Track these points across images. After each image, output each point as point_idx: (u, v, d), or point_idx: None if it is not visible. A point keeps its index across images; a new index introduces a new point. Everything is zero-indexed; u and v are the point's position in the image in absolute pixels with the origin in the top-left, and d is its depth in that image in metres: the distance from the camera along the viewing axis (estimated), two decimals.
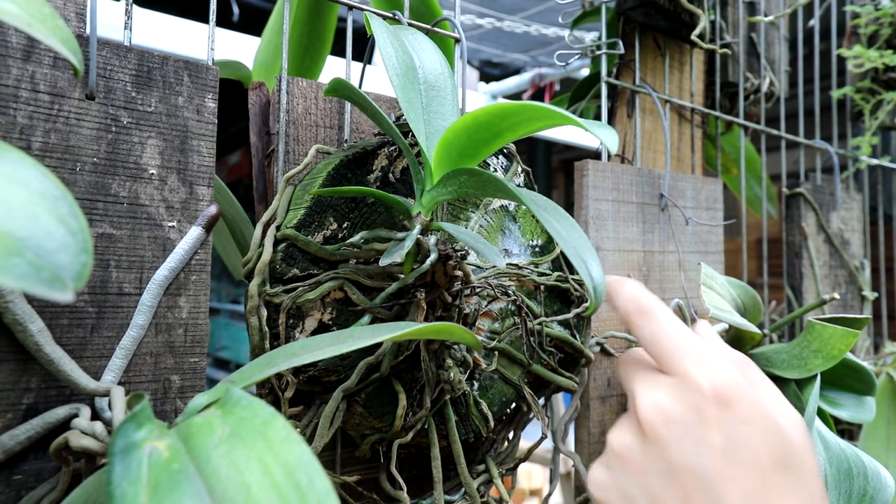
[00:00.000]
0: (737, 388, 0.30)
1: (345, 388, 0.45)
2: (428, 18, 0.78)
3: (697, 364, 0.31)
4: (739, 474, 0.29)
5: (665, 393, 0.31)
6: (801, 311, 0.84)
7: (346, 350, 0.32)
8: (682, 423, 0.30)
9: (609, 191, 0.73)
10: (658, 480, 0.30)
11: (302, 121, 0.51)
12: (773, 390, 0.33)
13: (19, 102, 0.37)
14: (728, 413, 0.30)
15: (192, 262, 0.43)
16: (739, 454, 0.29)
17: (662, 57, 0.87)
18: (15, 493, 0.36)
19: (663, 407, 0.31)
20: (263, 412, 0.26)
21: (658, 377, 0.32)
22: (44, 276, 0.21)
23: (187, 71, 0.43)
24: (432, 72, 0.47)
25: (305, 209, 0.45)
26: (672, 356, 0.32)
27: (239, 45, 1.57)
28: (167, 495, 0.23)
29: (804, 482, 0.30)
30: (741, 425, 0.30)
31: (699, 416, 0.30)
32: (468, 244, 0.38)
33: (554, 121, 0.35)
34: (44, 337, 0.35)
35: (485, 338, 0.54)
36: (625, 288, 0.36)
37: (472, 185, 0.38)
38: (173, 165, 0.42)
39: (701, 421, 0.30)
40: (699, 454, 0.29)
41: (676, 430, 0.30)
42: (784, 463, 0.29)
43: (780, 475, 0.29)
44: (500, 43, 2.39)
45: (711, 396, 0.30)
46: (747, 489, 0.28)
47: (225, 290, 3.73)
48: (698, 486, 0.29)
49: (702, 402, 0.30)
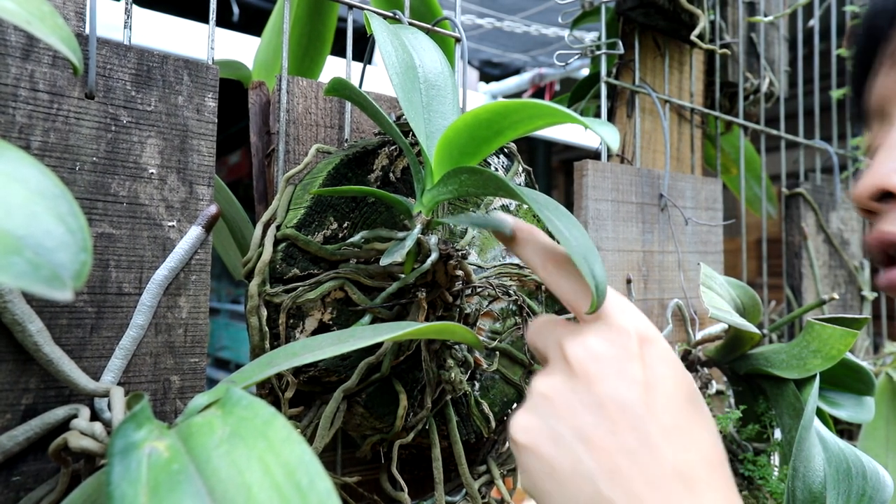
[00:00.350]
0: (652, 329, 0.33)
1: (345, 389, 0.45)
2: (428, 18, 0.78)
3: (620, 310, 0.33)
4: (662, 406, 0.31)
5: (592, 335, 0.33)
6: (800, 311, 0.84)
7: (347, 350, 0.32)
8: (609, 359, 0.32)
9: (609, 191, 0.73)
10: (587, 415, 0.31)
11: (302, 120, 0.51)
12: None
13: (18, 101, 0.37)
14: (648, 350, 0.32)
15: (192, 261, 0.42)
16: (661, 387, 0.31)
17: (662, 57, 0.87)
18: (14, 495, 0.36)
19: (592, 347, 0.33)
20: (264, 412, 0.26)
21: (582, 326, 0.34)
22: (43, 274, 0.21)
23: (187, 70, 0.43)
24: (432, 71, 0.47)
25: (305, 209, 0.45)
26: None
27: (239, 45, 1.57)
28: (167, 496, 0.23)
29: (709, 417, 0.32)
30: (660, 362, 0.32)
31: (625, 353, 0.32)
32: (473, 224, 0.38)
33: (555, 118, 0.35)
34: (43, 337, 0.35)
35: (486, 338, 0.54)
36: (533, 238, 0.37)
37: (472, 184, 0.38)
38: (173, 165, 0.42)
39: (627, 357, 0.32)
40: (626, 386, 0.31)
41: (605, 366, 0.32)
42: (693, 398, 0.32)
43: (693, 410, 0.32)
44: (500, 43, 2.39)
45: (635, 336, 0.32)
46: (669, 420, 0.30)
47: (225, 290, 3.72)
48: (625, 418, 0.30)
49: (627, 341, 0.32)
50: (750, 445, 0.75)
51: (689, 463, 0.29)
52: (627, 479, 0.29)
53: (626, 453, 0.30)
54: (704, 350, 0.77)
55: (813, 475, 0.57)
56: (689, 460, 0.29)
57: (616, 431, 0.30)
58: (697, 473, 0.29)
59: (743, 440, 0.74)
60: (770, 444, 0.74)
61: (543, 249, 0.36)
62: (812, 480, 0.57)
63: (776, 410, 0.70)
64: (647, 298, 0.76)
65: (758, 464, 0.72)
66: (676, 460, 0.29)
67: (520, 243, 0.37)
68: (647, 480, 0.29)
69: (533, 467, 0.32)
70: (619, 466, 0.30)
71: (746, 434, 0.74)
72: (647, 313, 0.76)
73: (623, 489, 0.29)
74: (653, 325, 0.34)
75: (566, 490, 0.31)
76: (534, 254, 0.36)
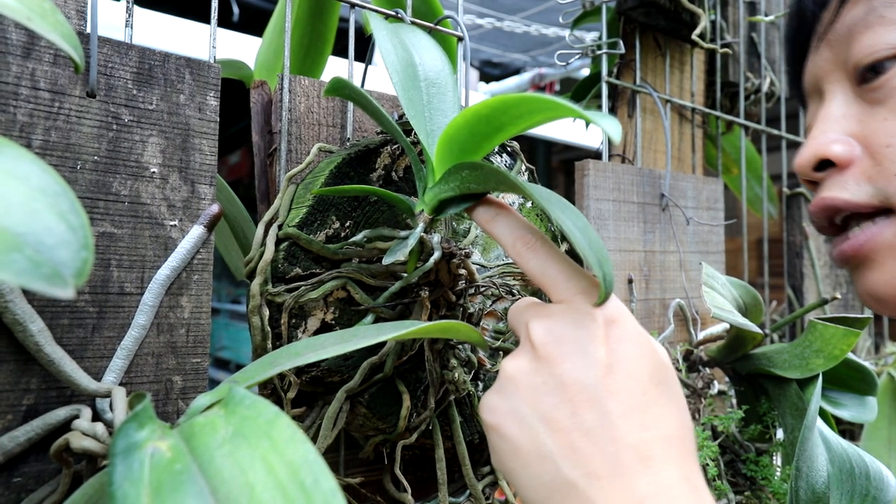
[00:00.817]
0: (619, 310, 0.33)
1: (348, 389, 0.45)
2: (429, 18, 0.78)
3: (584, 291, 0.34)
4: (623, 386, 0.31)
5: (558, 318, 0.33)
6: (802, 310, 0.84)
7: (350, 349, 0.32)
8: (572, 341, 0.32)
9: (610, 191, 0.73)
10: (549, 396, 0.32)
11: (304, 119, 0.50)
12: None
13: (19, 100, 0.37)
14: (613, 331, 0.33)
15: (194, 261, 0.42)
16: (622, 367, 0.32)
17: (663, 57, 0.87)
18: (15, 496, 0.36)
19: (555, 329, 0.33)
20: (267, 411, 0.25)
21: (549, 307, 0.35)
22: (44, 272, 0.20)
23: (189, 69, 0.43)
24: (432, 69, 0.46)
25: (308, 208, 0.45)
26: (560, 285, 0.34)
27: (239, 45, 1.56)
28: (169, 496, 0.22)
29: (675, 395, 0.33)
30: (624, 342, 0.32)
31: (587, 334, 0.32)
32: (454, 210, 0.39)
33: (556, 112, 0.34)
34: (44, 337, 0.35)
35: (490, 337, 0.54)
36: (504, 218, 0.37)
37: (474, 180, 0.37)
38: (175, 164, 0.42)
39: (589, 338, 0.32)
40: (587, 367, 0.31)
41: (567, 347, 0.32)
42: (659, 378, 0.32)
43: (656, 389, 0.32)
44: (500, 43, 2.39)
45: (600, 318, 0.33)
46: (629, 400, 0.31)
47: (225, 290, 3.72)
48: (586, 399, 0.31)
49: (590, 323, 0.33)
50: (752, 446, 0.74)
51: (646, 441, 0.30)
52: (586, 457, 0.30)
53: (584, 433, 0.30)
54: (706, 350, 0.77)
55: (816, 475, 0.57)
56: (646, 438, 0.30)
57: (576, 412, 0.31)
58: (654, 451, 0.30)
59: (745, 440, 0.74)
60: (773, 444, 0.74)
61: (515, 226, 0.36)
62: (815, 481, 0.57)
63: (778, 410, 0.70)
64: (648, 298, 0.76)
65: (760, 464, 0.72)
66: (634, 438, 0.30)
67: (491, 218, 0.37)
68: (604, 459, 0.30)
69: (499, 447, 0.33)
70: (578, 446, 0.30)
71: (749, 434, 0.73)
72: (649, 313, 0.76)
73: (582, 468, 0.30)
74: (622, 306, 0.34)
75: (529, 469, 0.31)
76: (506, 229, 0.36)
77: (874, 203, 0.40)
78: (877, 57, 0.40)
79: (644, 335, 0.33)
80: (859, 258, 0.41)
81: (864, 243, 0.40)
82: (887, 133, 0.39)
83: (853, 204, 0.41)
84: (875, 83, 0.40)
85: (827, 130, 0.42)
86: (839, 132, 0.42)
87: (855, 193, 0.41)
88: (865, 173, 0.40)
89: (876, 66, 0.40)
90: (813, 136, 0.44)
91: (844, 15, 0.42)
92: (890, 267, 0.40)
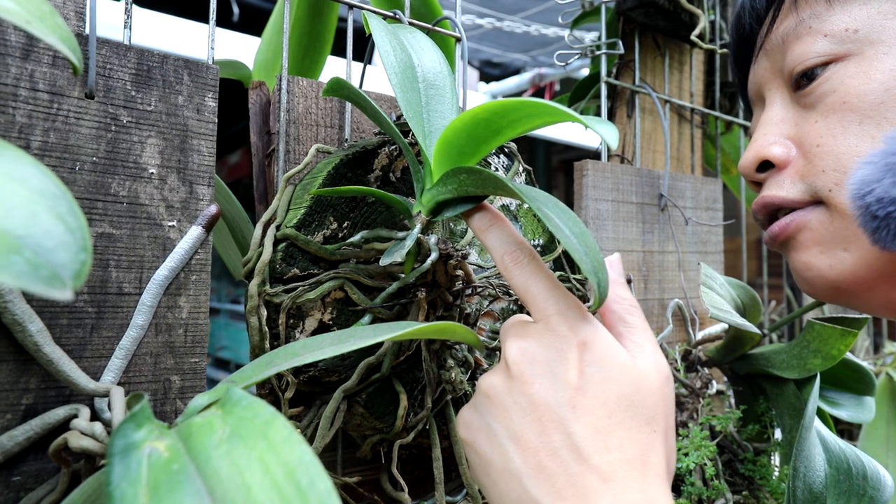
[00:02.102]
0: (594, 333, 0.34)
1: (345, 389, 0.45)
2: (428, 18, 0.78)
3: (566, 316, 0.34)
4: (589, 409, 0.32)
5: (532, 338, 0.34)
6: (800, 310, 0.84)
7: (347, 350, 0.32)
8: (544, 363, 0.33)
9: (609, 191, 0.73)
10: (519, 415, 0.33)
11: (302, 120, 0.51)
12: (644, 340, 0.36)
13: (18, 101, 0.37)
14: (585, 355, 0.33)
15: (193, 261, 0.42)
16: (589, 390, 0.32)
17: (662, 57, 0.87)
18: (14, 495, 0.36)
19: (529, 350, 0.34)
20: (264, 412, 0.26)
21: (528, 327, 0.35)
22: (42, 274, 0.21)
23: (187, 70, 0.43)
24: (431, 70, 0.47)
25: (305, 209, 0.45)
26: (540, 304, 0.35)
27: (239, 45, 1.57)
28: (167, 496, 0.23)
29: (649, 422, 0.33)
30: (593, 365, 0.33)
31: (559, 356, 0.33)
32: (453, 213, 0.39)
33: (554, 117, 0.35)
34: (43, 337, 0.35)
35: (486, 338, 0.54)
36: (497, 230, 0.37)
37: (471, 184, 0.38)
38: (173, 165, 0.42)
39: (561, 360, 0.33)
40: (556, 389, 0.32)
41: (538, 368, 0.33)
42: (631, 402, 0.32)
43: (625, 413, 0.32)
44: (500, 43, 2.39)
45: (575, 342, 0.33)
46: (593, 423, 0.31)
47: (224, 290, 3.72)
48: (553, 419, 0.32)
49: (563, 346, 0.33)
50: (750, 445, 0.75)
51: (610, 463, 0.31)
52: (551, 477, 0.31)
53: (551, 453, 0.31)
54: (705, 350, 0.77)
55: (814, 475, 0.57)
56: (609, 460, 0.31)
57: (543, 432, 0.32)
58: (616, 472, 0.30)
59: (743, 440, 0.74)
60: (770, 444, 0.74)
61: (506, 240, 0.37)
62: (813, 480, 0.57)
63: (776, 410, 0.70)
64: (647, 298, 0.76)
65: (758, 464, 0.72)
66: (597, 460, 0.31)
67: (486, 228, 0.38)
68: (568, 479, 0.30)
69: (473, 462, 0.34)
70: (544, 465, 0.31)
71: (747, 434, 0.74)
72: (648, 313, 0.76)
73: (546, 487, 0.31)
74: (598, 328, 0.34)
75: (499, 486, 0.32)
76: (497, 241, 0.37)
77: (806, 199, 0.43)
78: (807, 65, 0.43)
79: (618, 358, 0.33)
80: (785, 237, 0.44)
81: (790, 223, 0.44)
82: (817, 134, 0.42)
83: (789, 200, 0.44)
84: (807, 89, 0.43)
85: (767, 134, 0.45)
86: (777, 135, 0.45)
87: (790, 191, 0.43)
88: (799, 172, 0.43)
89: (808, 72, 0.43)
90: (755, 139, 0.46)
91: (778, 27, 0.46)
92: (814, 250, 0.43)
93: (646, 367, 0.34)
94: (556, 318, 0.34)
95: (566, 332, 0.33)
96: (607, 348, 0.33)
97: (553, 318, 0.34)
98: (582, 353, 0.33)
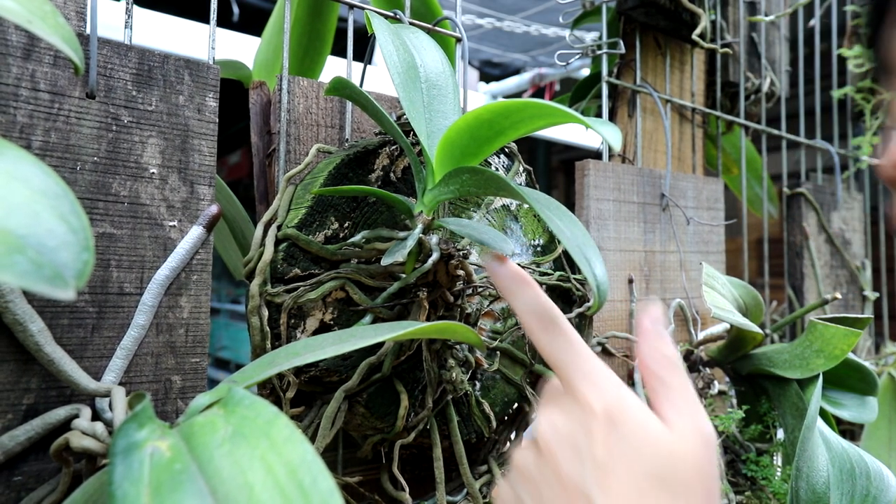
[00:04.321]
0: (623, 408, 0.33)
1: (346, 389, 0.45)
2: (428, 18, 0.78)
3: (591, 385, 0.34)
4: (615, 486, 0.31)
5: (560, 413, 0.34)
6: (802, 311, 0.84)
7: (349, 349, 0.32)
8: (571, 440, 0.33)
9: (610, 191, 0.73)
10: (549, 491, 0.33)
11: (303, 120, 0.51)
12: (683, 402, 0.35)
13: (19, 101, 0.37)
14: (613, 430, 0.33)
15: (194, 261, 0.42)
16: (616, 467, 0.32)
17: (663, 57, 0.87)
18: (15, 495, 0.36)
19: (557, 425, 0.34)
20: (266, 412, 0.26)
21: (558, 398, 0.36)
22: (45, 273, 0.20)
23: (188, 70, 0.43)
24: (433, 70, 0.47)
25: (306, 209, 0.45)
26: (569, 374, 0.35)
27: (239, 45, 1.57)
28: (169, 495, 0.23)
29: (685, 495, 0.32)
30: (621, 441, 0.32)
31: (586, 433, 0.33)
32: (472, 236, 0.38)
33: (557, 118, 0.35)
34: (44, 337, 0.35)
35: (487, 337, 0.54)
36: (525, 291, 0.37)
37: (473, 184, 0.38)
38: (174, 164, 0.42)
39: (587, 437, 0.33)
40: (583, 467, 0.32)
41: (566, 446, 0.33)
42: (663, 479, 0.32)
43: (654, 489, 0.31)
44: (500, 43, 2.39)
45: (601, 416, 0.33)
46: (620, 500, 0.31)
47: (225, 290, 3.72)
48: (580, 497, 0.32)
49: (591, 421, 0.33)
50: (753, 446, 0.75)
51: None
52: None
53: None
54: (707, 350, 0.77)
55: (816, 475, 0.57)
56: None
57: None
58: None
59: (746, 440, 0.74)
60: (773, 444, 0.74)
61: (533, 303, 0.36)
62: (815, 481, 0.57)
63: (779, 410, 0.70)
64: (648, 298, 0.76)
65: (761, 464, 0.72)
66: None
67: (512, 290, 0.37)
68: None
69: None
70: None
71: (749, 434, 0.74)
72: None
73: None
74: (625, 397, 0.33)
75: None
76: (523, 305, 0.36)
77: None
78: None
79: (649, 430, 0.33)
80: None
81: None
82: None
83: None
84: None
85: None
86: None
87: None
88: None
89: None
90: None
91: None
92: None
93: (683, 436, 0.33)
94: (583, 388, 0.34)
95: (593, 406, 0.33)
96: (636, 420, 0.33)
97: (579, 388, 0.34)
98: (609, 427, 0.32)
